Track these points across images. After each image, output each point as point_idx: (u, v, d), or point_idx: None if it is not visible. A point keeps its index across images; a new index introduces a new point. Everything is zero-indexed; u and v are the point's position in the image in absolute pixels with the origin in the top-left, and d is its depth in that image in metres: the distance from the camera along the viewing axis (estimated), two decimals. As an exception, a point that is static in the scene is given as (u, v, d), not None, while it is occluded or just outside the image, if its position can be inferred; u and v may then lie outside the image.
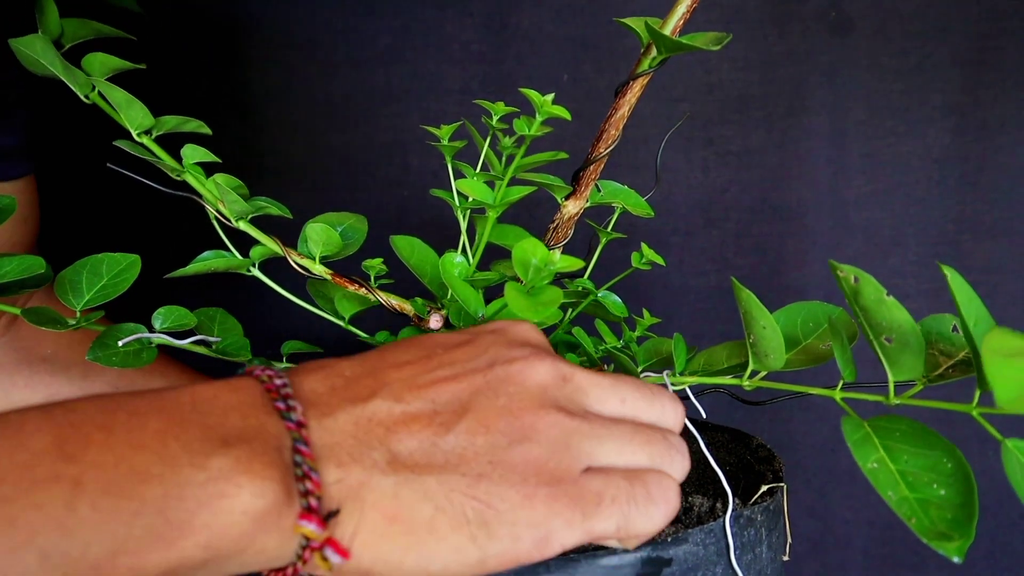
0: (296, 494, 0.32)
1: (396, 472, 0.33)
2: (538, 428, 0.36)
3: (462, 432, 0.35)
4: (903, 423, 0.41)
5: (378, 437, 0.34)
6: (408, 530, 0.33)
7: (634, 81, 0.49)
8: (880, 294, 0.40)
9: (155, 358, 0.49)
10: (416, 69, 0.85)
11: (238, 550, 0.31)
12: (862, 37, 0.83)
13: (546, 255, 0.42)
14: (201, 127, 0.52)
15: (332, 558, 0.33)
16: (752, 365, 0.47)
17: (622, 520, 0.35)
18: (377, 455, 0.34)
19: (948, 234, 0.85)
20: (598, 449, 0.36)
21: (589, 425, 0.37)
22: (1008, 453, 0.38)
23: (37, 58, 0.49)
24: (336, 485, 0.33)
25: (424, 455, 0.34)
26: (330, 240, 0.53)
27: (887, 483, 0.39)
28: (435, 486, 0.34)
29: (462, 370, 0.37)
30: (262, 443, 0.32)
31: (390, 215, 0.86)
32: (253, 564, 0.32)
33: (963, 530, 0.37)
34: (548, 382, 0.37)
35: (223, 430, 0.32)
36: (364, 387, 0.36)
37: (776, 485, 0.51)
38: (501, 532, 0.34)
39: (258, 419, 0.33)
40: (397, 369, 0.37)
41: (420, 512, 0.33)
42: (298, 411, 0.34)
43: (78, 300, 0.48)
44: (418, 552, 0.33)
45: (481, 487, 0.34)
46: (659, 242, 0.86)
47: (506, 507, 0.34)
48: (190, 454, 0.31)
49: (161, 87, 0.84)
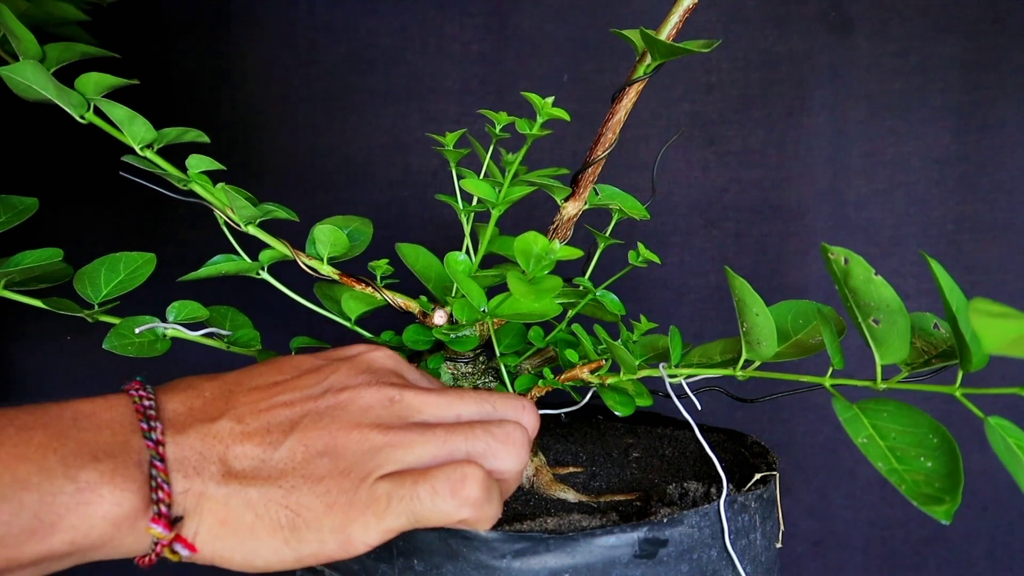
0: (150, 503, 0.41)
1: (228, 483, 0.42)
2: (346, 444, 0.44)
3: (286, 449, 0.43)
4: (890, 404, 0.46)
5: (218, 453, 0.43)
6: (234, 532, 0.42)
7: (630, 87, 0.53)
8: (869, 273, 0.45)
9: (168, 350, 0.54)
10: (416, 69, 0.89)
11: (99, 546, 0.40)
12: (862, 37, 0.87)
13: (546, 245, 0.47)
14: (199, 136, 0.56)
15: (181, 552, 0.42)
16: (745, 354, 0.51)
17: (410, 516, 0.43)
18: (214, 468, 0.42)
19: (948, 234, 0.89)
20: (405, 455, 0.44)
21: (401, 435, 0.44)
22: (991, 430, 0.43)
23: (28, 84, 0.52)
24: (183, 494, 0.42)
25: (253, 469, 0.43)
26: (338, 241, 0.57)
27: (877, 456, 0.44)
28: (256, 497, 0.42)
29: (299, 396, 0.46)
30: (126, 459, 0.41)
31: (390, 215, 0.90)
32: (114, 554, 0.41)
33: (951, 495, 0.42)
34: (372, 404, 0.46)
35: (94, 445, 0.41)
36: (215, 408, 0.45)
37: (769, 474, 0.55)
38: (309, 537, 0.42)
39: (125, 436, 0.42)
40: (247, 394, 0.46)
41: (243, 518, 0.42)
42: (158, 430, 0.42)
43: (96, 294, 0.52)
44: (243, 550, 0.42)
45: (293, 498, 0.42)
46: (659, 241, 0.90)
47: (312, 515, 0.42)
48: (65, 467, 0.40)
49: (161, 88, 0.89)
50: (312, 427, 0.44)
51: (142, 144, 0.54)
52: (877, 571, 0.93)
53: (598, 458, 0.64)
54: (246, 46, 0.89)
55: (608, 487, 0.59)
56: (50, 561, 0.40)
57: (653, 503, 0.54)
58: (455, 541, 0.48)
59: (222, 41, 0.89)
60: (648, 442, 0.66)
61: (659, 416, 0.70)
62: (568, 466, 0.62)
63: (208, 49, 0.90)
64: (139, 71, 0.58)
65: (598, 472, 0.61)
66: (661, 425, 0.69)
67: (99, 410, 0.43)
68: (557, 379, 0.57)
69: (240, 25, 0.89)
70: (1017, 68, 0.86)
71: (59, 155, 0.89)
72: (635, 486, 0.59)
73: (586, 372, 0.55)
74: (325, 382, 0.47)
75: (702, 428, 0.59)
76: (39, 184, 0.90)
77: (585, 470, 0.62)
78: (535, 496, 0.57)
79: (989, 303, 0.32)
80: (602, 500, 0.56)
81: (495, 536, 0.48)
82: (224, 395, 0.45)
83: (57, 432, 0.41)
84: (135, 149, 0.54)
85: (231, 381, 0.47)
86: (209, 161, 0.55)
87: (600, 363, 0.55)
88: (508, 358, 0.59)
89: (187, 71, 0.90)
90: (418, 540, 0.49)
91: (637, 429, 0.69)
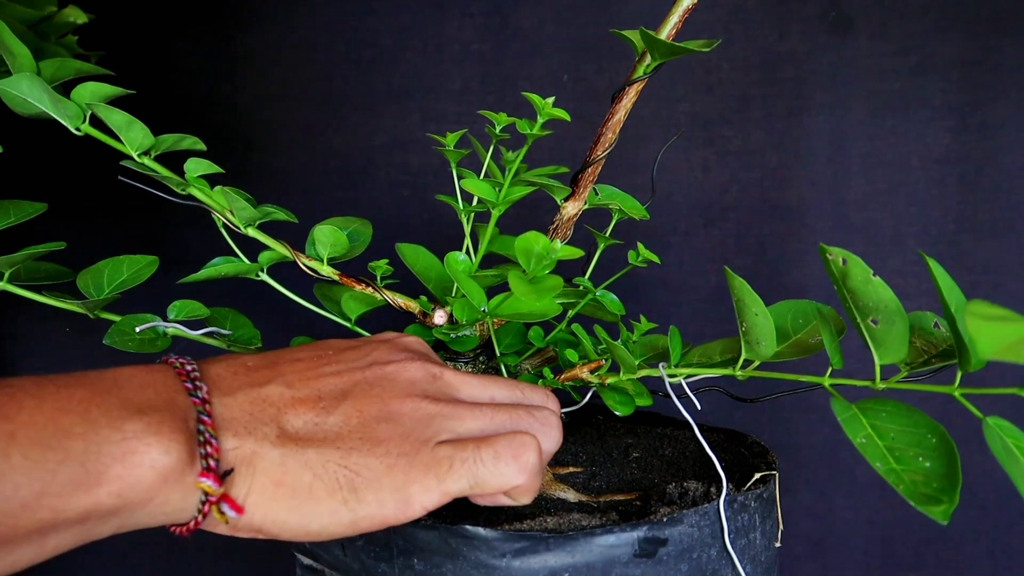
0: (198, 456, 0.40)
1: (283, 445, 0.42)
2: (401, 411, 0.45)
3: (340, 414, 0.44)
4: (888, 404, 0.46)
5: (270, 415, 0.43)
6: (291, 494, 0.42)
7: (630, 87, 0.54)
8: (867, 274, 0.45)
9: (168, 347, 0.54)
10: (416, 69, 0.89)
11: (145, 500, 0.39)
12: (862, 37, 0.87)
13: (547, 244, 0.47)
14: (196, 143, 0.56)
15: (228, 512, 0.41)
16: (745, 354, 0.51)
17: (472, 479, 0.44)
18: (268, 430, 0.42)
19: (948, 234, 0.89)
20: (457, 426, 0.45)
21: (451, 408, 0.46)
22: (990, 430, 0.43)
23: (24, 97, 0.52)
24: (233, 452, 0.41)
25: (308, 432, 0.43)
26: (338, 242, 0.57)
27: (876, 456, 0.44)
28: (314, 457, 0.42)
29: (346, 367, 0.47)
30: (171, 413, 0.40)
31: (390, 215, 0.90)
32: (159, 515, 0.40)
33: (948, 495, 0.42)
34: (418, 378, 0.47)
35: (138, 401, 0.40)
36: (262, 375, 0.45)
37: (769, 473, 0.55)
38: (368, 497, 0.42)
39: (169, 395, 0.41)
40: (292, 363, 0.46)
41: (301, 479, 0.42)
42: (203, 390, 0.42)
43: (98, 293, 0.53)
44: (300, 513, 0.42)
45: (352, 458, 0.42)
46: (659, 241, 0.90)
47: (372, 475, 0.42)
48: (109, 418, 0.39)
49: (160, 89, 0.89)
50: (364, 395, 0.45)
51: (140, 150, 0.54)
52: (877, 571, 0.93)
53: (598, 458, 0.64)
54: (246, 46, 0.90)
55: (608, 487, 0.59)
56: (95, 520, 0.39)
57: (653, 503, 0.54)
58: (455, 540, 0.48)
59: (222, 41, 0.90)
60: (648, 442, 0.67)
61: (659, 416, 0.71)
62: (568, 466, 0.62)
63: (208, 49, 0.90)
64: (139, 72, 0.58)
65: (598, 472, 0.62)
66: (661, 425, 0.70)
67: (140, 373, 0.42)
68: (557, 379, 0.57)
69: (240, 25, 0.90)
70: (1017, 68, 0.86)
71: (59, 158, 0.89)
72: (635, 486, 0.59)
73: (586, 372, 0.56)
74: (368, 357, 0.48)
75: (702, 428, 0.59)
76: (39, 185, 0.91)
77: (585, 470, 0.62)
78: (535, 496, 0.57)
79: (987, 305, 0.33)
80: (602, 500, 0.56)
81: (495, 535, 0.48)
82: (269, 365, 0.46)
83: (100, 390, 0.40)
84: (133, 157, 0.54)
85: (272, 355, 0.47)
86: (207, 164, 0.56)
87: (600, 363, 0.56)
88: (508, 358, 0.59)
89: (187, 71, 0.90)
90: (418, 539, 0.49)
91: (637, 429, 0.69)
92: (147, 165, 0.55)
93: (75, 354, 0.91)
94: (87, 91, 0.54)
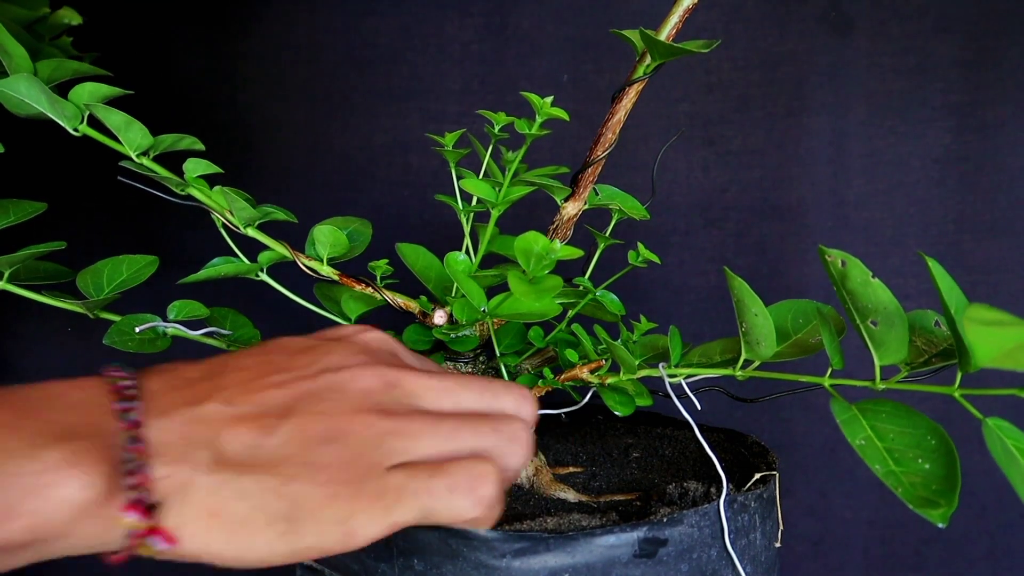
0: (122, 488, 0.37)
1: (219, 471, 0.39)
2: (349, 430, 0.41)
3: (281, 435, 0.40)
4: (888, 405, 0.46)
5: (207, 438, 0.39)
6: (226, 525, 0.39)
7: (630, 87, 0.54)
8: (866, 276, 0.45)
9: (168, 347, 0.54)
10: (416, 69, 0.89)
11: (62, 534, 0.37)
12: (862, 37, 0.87)
13: (547, 244, 0.47)
14: (195, 143, 0.56)
15: (156, 545, 0.38)
16: (744, 354, 0.51)
17: (422, 511, 0.40)
18: (203, 455, 0.39)
19: (948, 234, 0.89)
20: (411, 446, 0.41)
21: (407, 423, 0.42)
22: (989, 431, 0.43)
23: (21, 98, 0.51)
24: (164, 481, 0.38)
25: (245, 456, 0.39)
26: (337, 242, 0.57)
27: (875, 458, 0.44)
28: (251, 486, 0.39)
29: (293, 377, 0.42)
30: (96, 440, 0.38)
31: (390, 215, 0.90)
32: (81, 547, 0.38)
33: (947, 498, 0.42)
34: (372, 387, 0.43)
35: (63, 425, 0.38)
36: (201, 389, 0.41)
37: (769, 473, 0.55)
38: (308, 529, 0.39)
39: (97, 418, 0.39)
40: (236, 373, 0.42)
41: (236, 510, 0.39)
42: (137, 410, 0.39)
43: (98, 292, 0.53)
44: (236, 544, 0.39)
45: (292, 487, 0.39)
46: (659, 241, 0.90)
47: (313, 506, 0.39)
48: (27, 446, 0.36)
49: (160, 89, 0.89)
50: (310, 410, 0.41)
51: (138, 151, 0.54)
52: (877, 571, 0.93)
53: (598, 458, 0.64)
54: (246, 46, 0.90)
55: (608, 487, 0.59)
56: (7, 553, 0.36)
57: (653, 503, 0.54)
58: (455, 541, 0.48)
59: (222, 41, 0.90)
60: (648, 442, 0.67)
61: (659, 416, 0.71)
62: (568, 466, 0.62)
63: (208, 49, 0.90)
64: (138, 72, 0.58)
65: (598, 472, 0.62)
66: (661, 425, 0.70)
67: (70, 390, 0.40)
68: (557, 379, 0.57)
69: (240, 25, 0.90)
70: (1017, 68, 0.86)
71: (59, 159, 0.89)
72: (635, 486, 0.59)
73: (586, 372, 0.56)
74: (319, 363, 0.44)
75: (702, 428, 0.59)
76: (39, 185, 0.91)
77: (585, 470, 0.62)
78: (535, 496, 0.57)
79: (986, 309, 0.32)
80: (602, 500, 0.57)
81: (495, 536, 0.48)
82: (210, 376, 0.42)
83: (23, 411, 0.38)
84: (131, 157, 0.54)
85: (217, 363, 0.43)
86: (207, 164, 0.56)
87: (600, 363, 0.56)
88: (508, 358, 0.59)
89: (187, 71, 0.90)
90: (418, 539, 0.49)
91: (637, 429, 0.69)
92: (146, 165, 0.55)
93: (75, 354, 0.91)
94: (85, 91, 0.54)
